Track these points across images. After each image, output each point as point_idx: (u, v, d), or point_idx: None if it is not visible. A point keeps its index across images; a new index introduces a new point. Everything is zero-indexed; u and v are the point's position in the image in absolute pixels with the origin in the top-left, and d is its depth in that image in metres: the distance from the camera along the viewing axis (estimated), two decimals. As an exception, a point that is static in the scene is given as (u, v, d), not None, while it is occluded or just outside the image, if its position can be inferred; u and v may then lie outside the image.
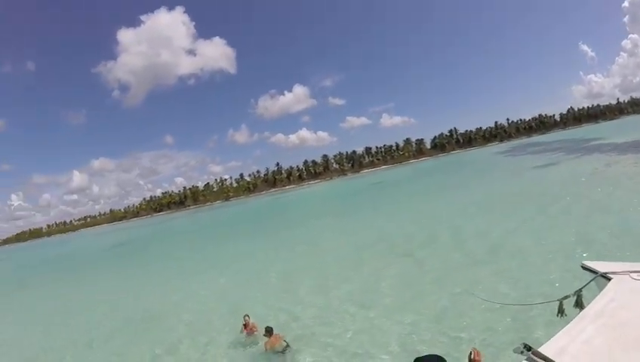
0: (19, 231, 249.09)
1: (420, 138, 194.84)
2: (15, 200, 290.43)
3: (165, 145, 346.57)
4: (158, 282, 17.86)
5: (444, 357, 2.14)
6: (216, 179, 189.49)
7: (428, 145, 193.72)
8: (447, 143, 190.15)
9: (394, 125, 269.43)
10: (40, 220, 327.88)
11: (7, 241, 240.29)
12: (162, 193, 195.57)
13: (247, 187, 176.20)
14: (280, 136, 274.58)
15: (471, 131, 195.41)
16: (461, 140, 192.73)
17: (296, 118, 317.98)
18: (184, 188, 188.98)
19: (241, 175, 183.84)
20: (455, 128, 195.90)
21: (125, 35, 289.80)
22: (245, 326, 8.25)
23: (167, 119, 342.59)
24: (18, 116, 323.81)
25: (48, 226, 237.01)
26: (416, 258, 11.67)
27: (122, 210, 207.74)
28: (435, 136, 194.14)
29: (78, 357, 9.68)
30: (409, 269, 10.66)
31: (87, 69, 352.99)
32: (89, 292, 19.62)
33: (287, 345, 7.23)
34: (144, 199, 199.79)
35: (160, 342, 9.33)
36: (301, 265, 14.32)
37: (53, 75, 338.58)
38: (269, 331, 7.32)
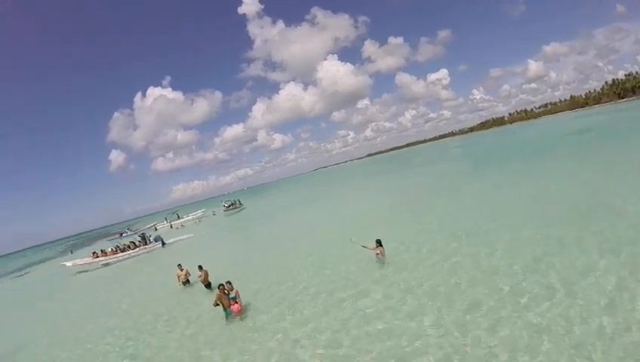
0: (482, 121, 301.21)
1: None
2: (476, 94, 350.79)
3: (617, 17, 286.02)
4: (610, 174, 17.29)
5: None
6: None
7: None
8: None
9: None
10: (501, 110, 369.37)
11: (472, 129, 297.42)
12: (625, 75, 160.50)
13: None
14: None
15: None
16: None
17: None
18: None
19: None
20: None
21: None
22: None
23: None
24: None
25: (510, 115, 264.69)
26: None
27: (583, 95, 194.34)
28: None
29: (465, 225, 13.30)
30: None
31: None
32: (539, 175, 21.65)
33: None
34: (605, 83, 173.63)
35: (598, 237, 9.42)
36: None
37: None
38: None
